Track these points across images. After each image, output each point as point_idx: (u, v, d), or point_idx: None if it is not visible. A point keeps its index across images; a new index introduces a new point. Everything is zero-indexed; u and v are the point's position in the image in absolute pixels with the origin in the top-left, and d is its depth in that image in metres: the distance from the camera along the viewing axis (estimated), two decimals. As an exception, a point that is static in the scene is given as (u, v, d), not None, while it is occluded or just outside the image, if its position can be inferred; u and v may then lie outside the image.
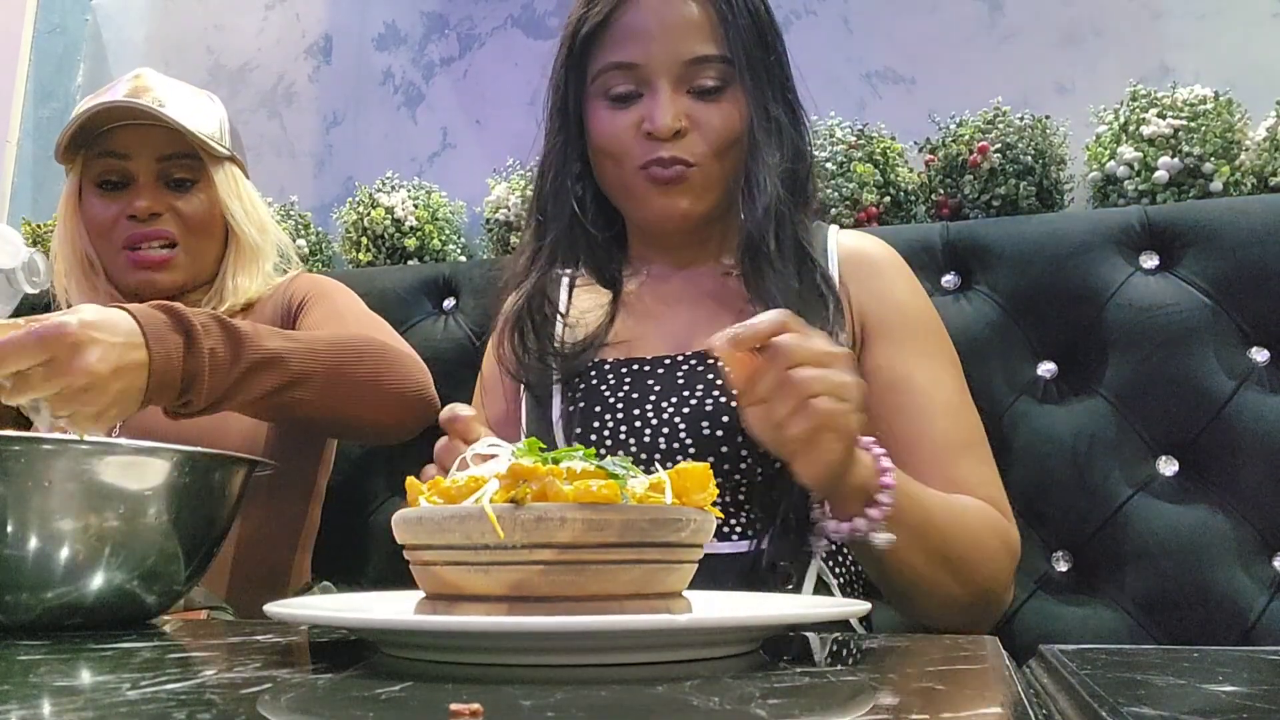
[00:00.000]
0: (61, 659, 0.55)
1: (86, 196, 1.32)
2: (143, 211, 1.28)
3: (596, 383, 1.00)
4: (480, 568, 0.53)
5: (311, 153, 2.16)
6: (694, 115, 0.98)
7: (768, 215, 0.97)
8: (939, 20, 1.72)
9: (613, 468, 0.56)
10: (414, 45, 2.11)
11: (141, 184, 1.30)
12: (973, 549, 0.90)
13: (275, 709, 0.40)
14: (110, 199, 1.31)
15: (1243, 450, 1.15)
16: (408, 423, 1.18)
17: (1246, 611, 1.11)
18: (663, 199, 0.99)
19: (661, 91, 0.98)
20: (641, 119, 0.98)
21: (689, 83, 0.99)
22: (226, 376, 0.96)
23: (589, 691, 0.43)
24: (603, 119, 1.01)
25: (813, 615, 0.56)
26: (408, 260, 1.83)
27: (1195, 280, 1.20)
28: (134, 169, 1.30)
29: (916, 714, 0.37)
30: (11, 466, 0.67)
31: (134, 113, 1.28)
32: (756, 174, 0.98)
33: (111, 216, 1.30)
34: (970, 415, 1.00)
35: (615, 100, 1.00)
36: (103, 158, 1.30)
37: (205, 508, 0.76)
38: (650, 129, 0.97)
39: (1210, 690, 0.47)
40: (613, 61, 1.00)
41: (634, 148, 0.99)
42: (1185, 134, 1.40)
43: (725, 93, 0.99)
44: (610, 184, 1.04)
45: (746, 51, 0.99)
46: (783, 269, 0.97)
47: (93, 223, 1.31)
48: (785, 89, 1.03)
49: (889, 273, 1.05)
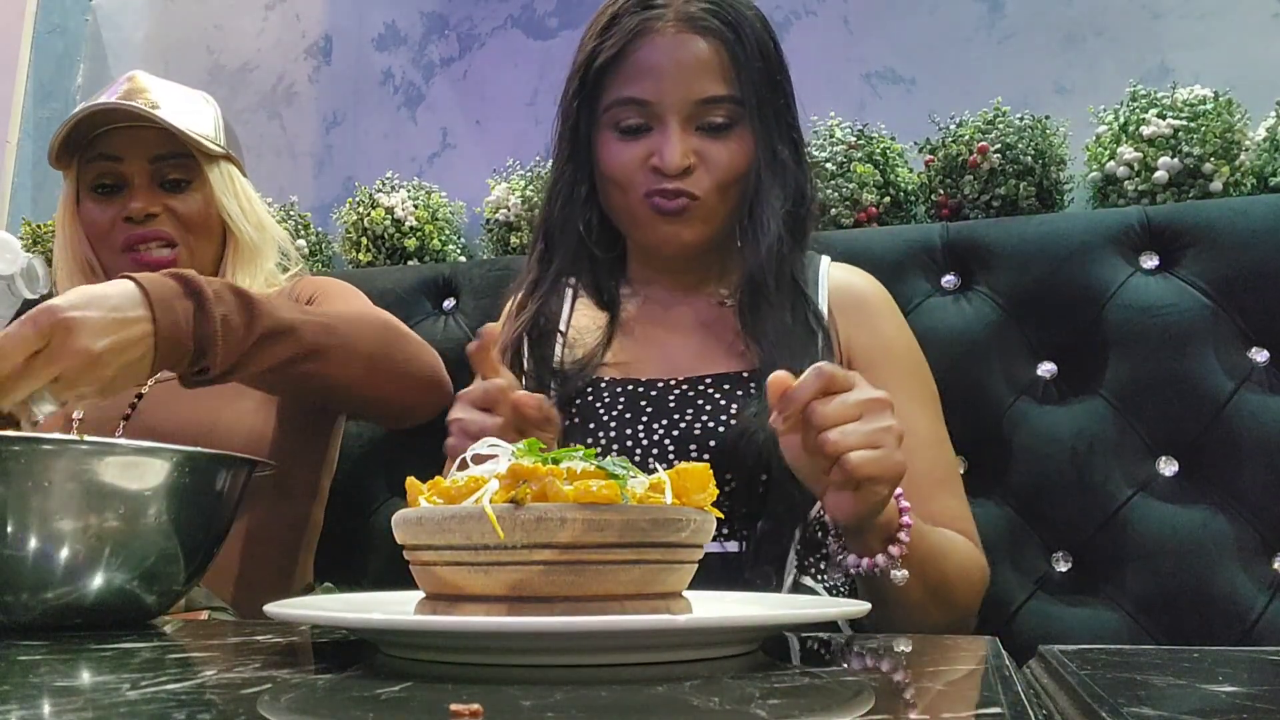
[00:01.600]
0: (61, 659, 0.55)
1: (83, 202, 1.32)
2: (138, 213, 1.28)
3: (592, 399, 1.02)
4: (480, 568, 0.53)
5: (311, 153, 2.16)
6: (702, 152, 1.01)
7: (770, 256, 1.00)
8: (939, 20, 1.72)
9: (613, 468, 0.56)
10: (414, 45, 2.11)
11: (136, 186, 1.29)
12: (961, 581, 0.95)
13: (275, 709, 0.40)
14: (106, 203, 1.30)
15: (1243, 450, 1.15)
16: (421, 404, 1.20)
17: (1246, 611, 1.11)
18: (666, 227, 1.02)
19: (671, 129, 1.00)
20: (651, 153, 1.00)
21: (698, 120, 1.01)
22: (241, 343, 0.95)
23: (589, 691, 0.43)
24: (612, 150, 1.03)
25: (813, 616, 0.56)
26: (408, 260, 1.83)
27: (1195, 280, 1.20)
28: (128, 171, 1.30)
29: (916, 714, 0.37)
30: (11, 466, 0.67)
31: (125, 115, 1.28)
32: (761, 214, 1.01)
33: (108, 220, 1.29)
34: (947, 451, 1.05)
35: (625, 132, 1.02)
36: (96, 161, 1.30)
37: (205, 508, 0.76)
38: (659, 165, 0.99)
39: (1210, 690, 0.47)
40: (625, 96, 1.01)
41: (641, 178, 1.01)
42: (1185, 134, 1.40)
43: (733, 131, 1.01)
44: (616, 210, 1.06)
45: (757, 93, 1.01)
46: (777, 303, 1.00)
47: (91, 227, 1.31)
48: (791, 129, 1.05)
49: (877, 310, 1.08)
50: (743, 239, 1.03)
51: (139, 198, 1.29)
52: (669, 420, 0.99)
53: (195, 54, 2.29)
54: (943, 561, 0.92)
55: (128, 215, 1.28)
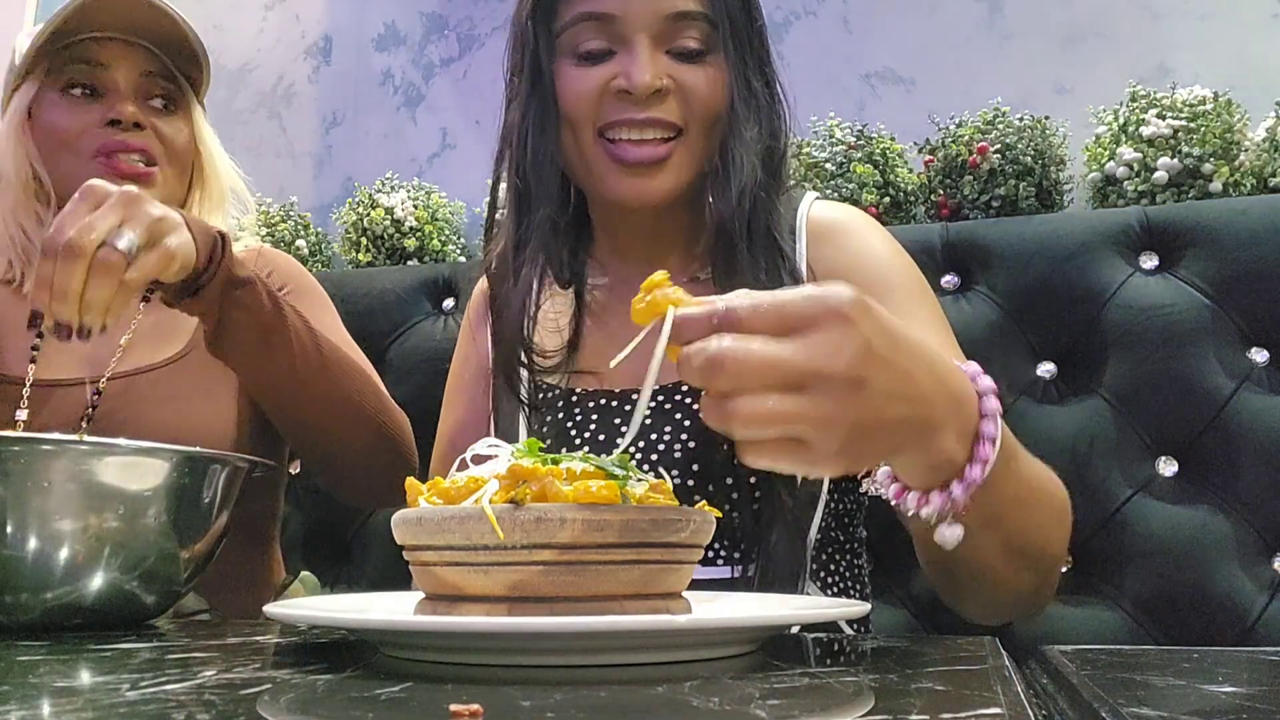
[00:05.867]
0: (61, 659, 0.55)
1: (47, 106, 1.16)
2: (128, 117, 1.14)
3: (563, 417, 0.92)
4: (480, 568, 0.53)
5: (311, 153, 2.16)
6: (677, 76, 0.88)
7: (742, 198, 0.87)
8: (939, 21, 1.72)
9: (612, 468, 0.56)
10: (414, 46, 2.11)
11: (123, 93, 1.16)
12: (1054, 523, 0.73)
13: (275, 709, 0.40)
14: (82, 107, 1.16)
15: (1242, 450, 1.15)
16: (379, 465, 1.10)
17: (1246, 612, 1.11)
18: (631, 179, 0.88)
19: (640, 47, 0.86)
20: (614, 75, 0.87)
21: (670, 42, 0.88)
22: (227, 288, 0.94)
23: (589, 691, 0.43)
24: (569, 79, 0.89)
25: (813, 616, 0.56)
26: (407, 260, 1.83)
27: (1195, 280, 1.20)
28: (113, 79, 1.16)
29: (916, 714, 0.37)
30: (11, 466, 0.67)
31: (119, 13, 1.15)
32: (734, 151, 0.88)
33: (81, 124, 1.15)
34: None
35: (585, 58, 0.89)
36: (75, 64, 1.16)
37: (205, 508, 0.76)
38: (624, 85, 0.86)
39: (1210, 690, 0.47)
40: (584, 11, 0.88)
41: (601, 109, 0.87)
42: (1185, 134, 1.40)
43: (708, 59, 0.89)
44: (571, 158, 0.91)
45: (730, 16, 0.90)
46: (750, 265, 0.87)
47: (53, 131, 1.15)
48: (764, 64, 0.93)
49: (856, 231, 0.94)
50: (713, 185, 0.88)
51: (129, 103, 1.16)
52: (646, 442, 0.87)
53: (195, 54, 2.28)
54: (1034, 502, 0.69)
55: (114, 118, 1.14)
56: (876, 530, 1.07)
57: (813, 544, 0.89)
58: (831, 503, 0.91)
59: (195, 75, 1.24)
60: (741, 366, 0.50)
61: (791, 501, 0.84)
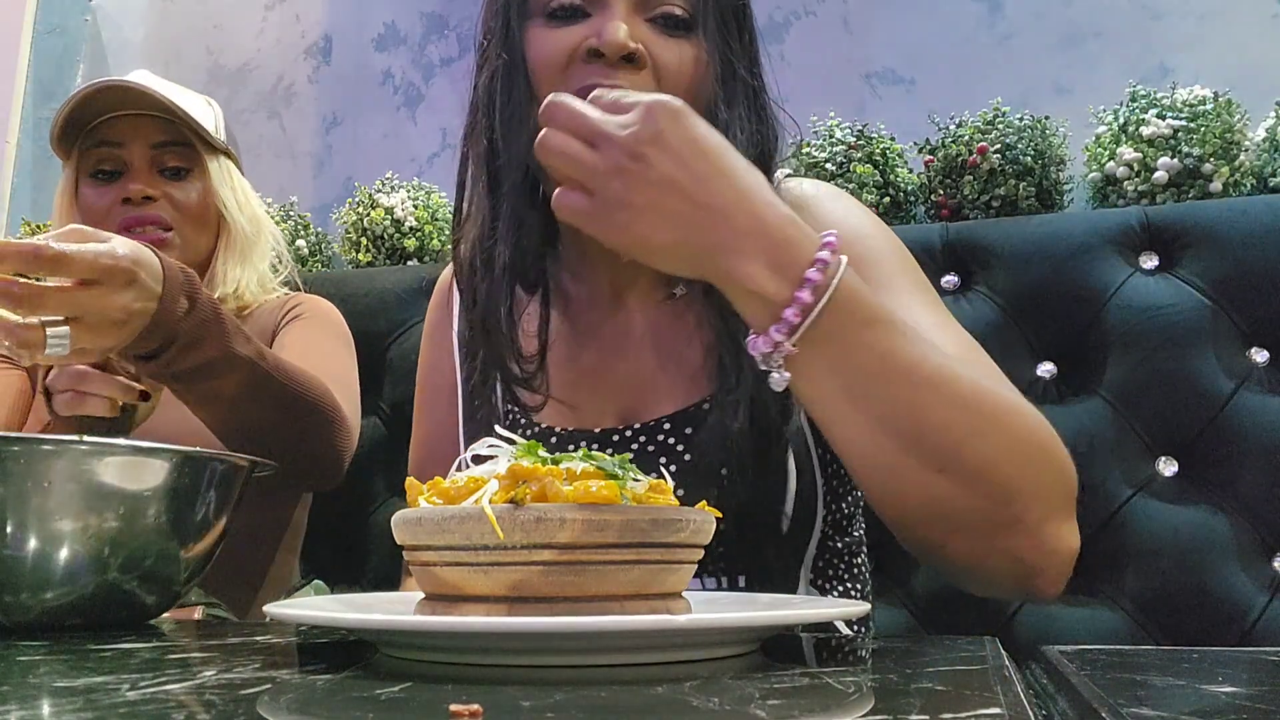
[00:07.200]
0: (61, 659, 0.55)
1: (82, 188, 1.33)
2: (136, 195, 1.29)
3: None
4: (480, 568, 0.53)
5: (311, 153, 2.16)
6: (654, 49, 0.80)
7: None
8: (939, 21, 1.73)
9: (612, 468, 0.56)
10: (414, 46, 2.11)
11: (136, 170, 1.31)
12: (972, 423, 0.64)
13: (275, 709, 0.40)
14: (105, 187, 1.31)
15: (1242, 451, 1.15)
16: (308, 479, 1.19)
17: (1246, 612, 1.11)
18: None
19: (615, 6, 0.79)
20: (585, 36, 0.79)
21: (649, 9, 0.81)
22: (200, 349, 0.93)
23: (589, 691, 0.43)
24: (537, 41, 0.82)
25: (813, 616, 0.56)
26: (407, 260, 1.83)
27: (1195, 281, 1.20)
28: (127, 156, 1.31)
29: (916, 714, 0.37)
30: (11, 466, 0.67)
31: (126, 98, 1.29)
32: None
33: (106, 204, 1.30)
34: (958, 332, 0.78)
35: (554, 17, 0.81)
36: (97, 148, 1.31)
37: (205, 508, 0.76)
38: (596, 44, 0.78)
39: (1210, 691, 0.47)
40: None
41: (567, 74, 0.79)
42: (1185, 134, 1.40)
43: (690, 37, 0.81)
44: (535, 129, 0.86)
45: None
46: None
47: (88, 212, 1.31)
48: (753, 59, 0.86)
49: (829, 203, 0.87)
50: None
51: (138, 180, 1.30)
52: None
53: (195, 54, 2.29)
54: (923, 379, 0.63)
55: (126, 197, 1.29)
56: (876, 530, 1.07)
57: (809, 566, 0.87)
58: (827, 514, 0.90)
59: (207, 135, 1.34)
60: (559, 111, 0.64)
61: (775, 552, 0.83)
